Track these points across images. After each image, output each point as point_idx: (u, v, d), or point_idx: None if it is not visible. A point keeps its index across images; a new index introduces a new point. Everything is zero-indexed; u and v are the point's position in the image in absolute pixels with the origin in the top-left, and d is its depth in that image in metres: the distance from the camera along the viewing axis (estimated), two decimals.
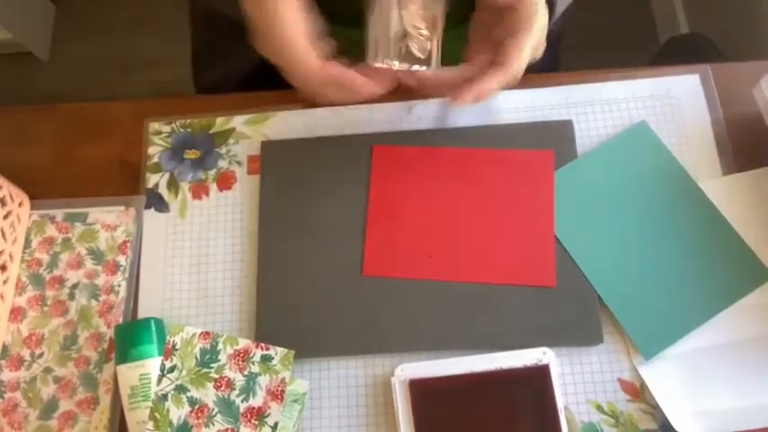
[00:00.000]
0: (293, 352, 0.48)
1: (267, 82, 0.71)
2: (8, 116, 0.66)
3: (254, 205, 0.59)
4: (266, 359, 0.48)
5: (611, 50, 1.40)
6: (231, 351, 0.48)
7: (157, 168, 0.61)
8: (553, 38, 0.78)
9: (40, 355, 0.56)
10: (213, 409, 0.47)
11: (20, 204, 0.59)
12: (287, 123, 0.62)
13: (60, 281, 0.58)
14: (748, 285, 0.54)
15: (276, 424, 0.47)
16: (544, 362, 0.52)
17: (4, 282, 0.57)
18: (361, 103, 0.55)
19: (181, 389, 0.48)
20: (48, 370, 0.56)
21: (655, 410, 0.52)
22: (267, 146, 0.61)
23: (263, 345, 0.49)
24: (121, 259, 0.58)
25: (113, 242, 0.59)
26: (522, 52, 0.49)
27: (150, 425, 0.47)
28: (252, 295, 0.57)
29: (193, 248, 0.59)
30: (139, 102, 0.65)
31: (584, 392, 0.53)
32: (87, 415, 0.54)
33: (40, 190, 0.62)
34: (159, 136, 0.62)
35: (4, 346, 0.57)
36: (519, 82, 0.63)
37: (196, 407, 0.47)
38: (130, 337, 0.53)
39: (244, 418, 0.47)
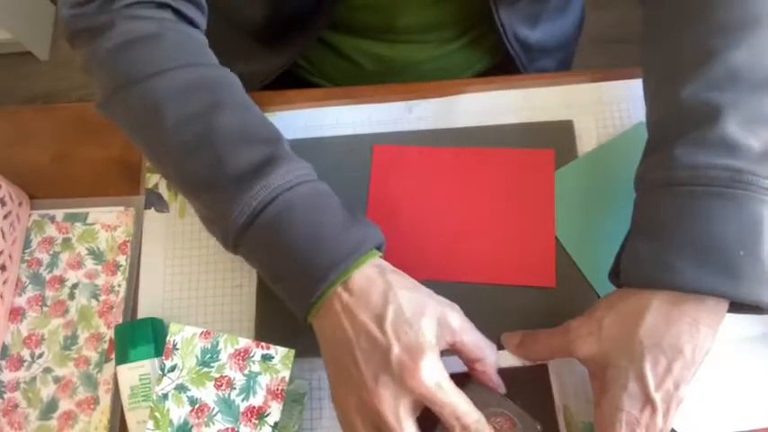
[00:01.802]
0: (293, 351, 0.48)
1: (267, 83, 0.72)
2: (8, 116, 0.66)
3: None
4: (267, 358, 0.48)
5: (623, 47, 1.38)
6: (232, 350, 0.48)
7: None
8: (569, 44, 0.77)
9: (40, 356, 0.56)
10: (213, 409, 0.47)
11: (20, 204, 0.59)
12: (287, 123, 0.62)
13: (60, 281, 0.58)
14: None
15: (276, 423, 0.47)
16: (544, 361, 0.52)
17: (4, 282, 0.57)
18: None
19: (181, 388, 0.48)
20: (48, 370, 0.56)
21: None
22: None
23: (263, 344, 0.48)
24: (121, 259, 0.58)
25: (113, 242, 0.59)
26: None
27: (150, 424, 0.47)
28: (252, 295, 0.57)
29: (193, 248, 0.59)
30: None
31: (584, 392, 0.53)
32: (87, 415, 0.54)
33: (40, 190, 0.62)
34: None
35: (4, 347, 0.57)
36: (519, 82, 0.63)
37: (196, 406, 0.47)
38: (130, 337, 0.53)
39: (244, 417, 0.47)
